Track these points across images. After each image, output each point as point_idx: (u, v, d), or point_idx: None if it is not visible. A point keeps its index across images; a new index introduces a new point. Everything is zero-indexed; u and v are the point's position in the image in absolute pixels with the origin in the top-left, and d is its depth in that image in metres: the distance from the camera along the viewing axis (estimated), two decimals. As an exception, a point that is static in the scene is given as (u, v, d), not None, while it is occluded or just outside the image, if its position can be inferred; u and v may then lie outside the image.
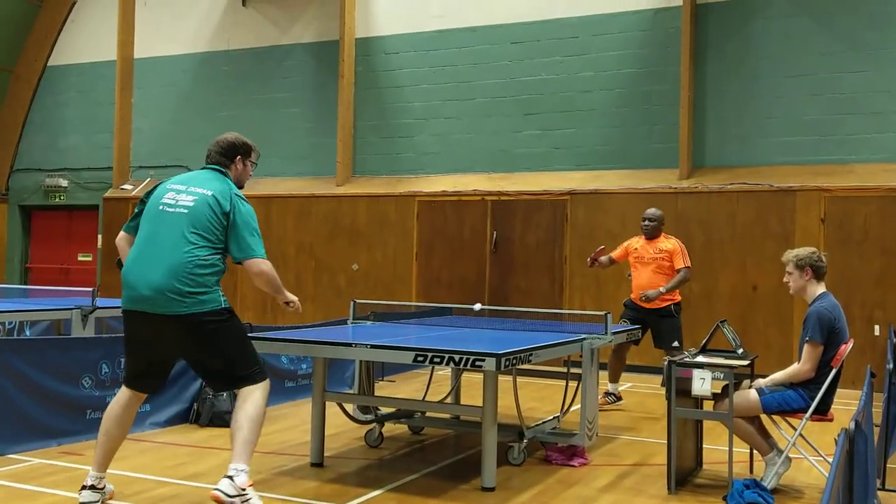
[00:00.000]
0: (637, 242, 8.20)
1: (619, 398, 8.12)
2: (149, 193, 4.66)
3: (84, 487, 4.46)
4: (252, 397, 4.44)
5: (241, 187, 4.70)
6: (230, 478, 4.24)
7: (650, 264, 8.00)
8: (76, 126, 15.63)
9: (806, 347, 5.09)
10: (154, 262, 4.38)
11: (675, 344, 7.82)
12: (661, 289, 7.82)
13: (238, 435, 4.35)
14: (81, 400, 6.12)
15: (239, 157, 4.73)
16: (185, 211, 4.44)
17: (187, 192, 4.52)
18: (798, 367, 5.13)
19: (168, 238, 4.41)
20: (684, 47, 10.99)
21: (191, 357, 4.61)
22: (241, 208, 4.49)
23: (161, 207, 4.51)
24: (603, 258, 8.18)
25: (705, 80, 11.11)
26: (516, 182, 11.86)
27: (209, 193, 4.48)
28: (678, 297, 8.09)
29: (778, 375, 5.21)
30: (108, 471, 4.54)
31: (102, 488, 4.53)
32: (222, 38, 14.35)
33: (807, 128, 10.60)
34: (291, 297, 4.75)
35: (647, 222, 8.12)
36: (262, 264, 4.47)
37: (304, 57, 13.68)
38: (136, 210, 4.67)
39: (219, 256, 4.48)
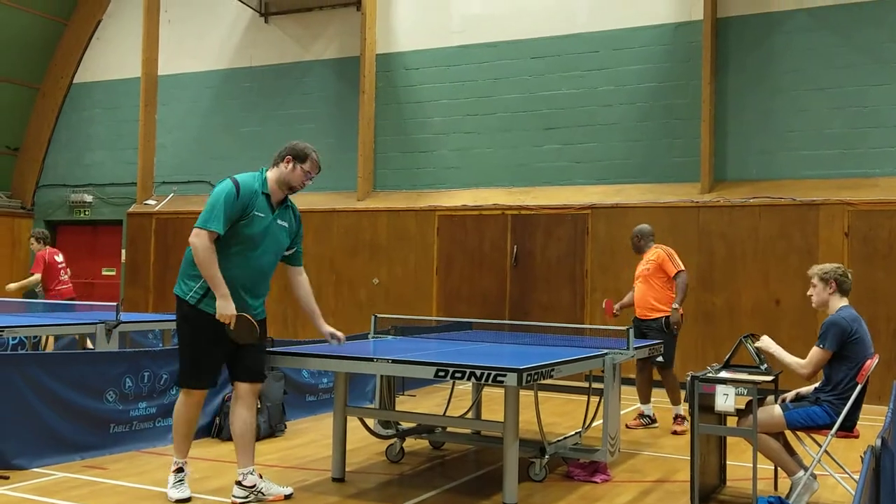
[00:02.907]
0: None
1: (653, 420, 7.88)
2: None
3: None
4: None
5: (291, 190, 5.07)
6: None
7: (639, 278, 7.95)
8: (101, 142, 15.82)
9: (814, 350, 5.05)
10: None
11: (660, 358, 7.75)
12: (675, 305, 7.69)
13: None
14: (105, 414, 6.16)
15: (289, 157, 5.05)
16: None
17: None
18: (800, 364, 5.08)
19: None
20: (705, 61, 10.96)
21: None
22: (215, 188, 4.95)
23: None
24: (616, 305, 8.14)
25: (726, 93, 11.07)
26: (537, 196, 11.85)
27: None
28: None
29: (786, 357, 5.18)
30: (129, 483, 4.54)
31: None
32: (245, 55, 14.49)
33: (830, 141, 10.54)
34: (228, 300, 4.93)
35: (631, 240, 8.16)
36: (192, 236, 4.81)
37: (326, 73, 13.78)
38: None
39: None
